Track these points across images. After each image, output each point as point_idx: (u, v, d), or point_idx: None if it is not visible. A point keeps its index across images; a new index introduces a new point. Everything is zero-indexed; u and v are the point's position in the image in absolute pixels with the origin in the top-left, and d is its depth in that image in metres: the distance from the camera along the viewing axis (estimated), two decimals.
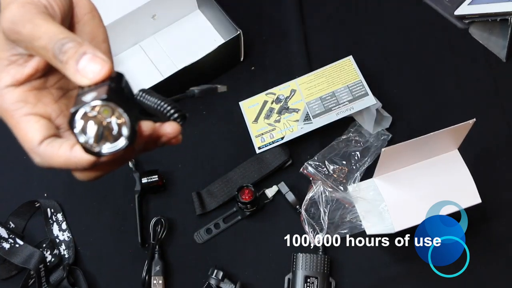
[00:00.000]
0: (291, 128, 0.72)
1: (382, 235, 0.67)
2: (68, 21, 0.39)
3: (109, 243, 0.71)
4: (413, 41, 0.82)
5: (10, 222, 0.71)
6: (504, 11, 0.74)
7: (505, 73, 0.79)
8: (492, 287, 0.68)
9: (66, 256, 0.69)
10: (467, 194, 0.59)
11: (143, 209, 0.72)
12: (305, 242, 0.69)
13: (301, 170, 0.72)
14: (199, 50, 0.72)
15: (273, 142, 0.72)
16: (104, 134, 0.35)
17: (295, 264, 0.66)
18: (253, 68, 0.80)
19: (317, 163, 0.72)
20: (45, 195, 0.73)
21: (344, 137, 0.74)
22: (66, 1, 0.38)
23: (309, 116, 0.71)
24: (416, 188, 0.60)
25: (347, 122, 0.74)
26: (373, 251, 0.69)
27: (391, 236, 0.65)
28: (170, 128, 0.38)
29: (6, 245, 0.67)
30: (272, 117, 0.73)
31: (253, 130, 0.73)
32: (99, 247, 0.70)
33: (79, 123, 0.34)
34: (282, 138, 0.71)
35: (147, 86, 0.68)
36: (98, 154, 0.35)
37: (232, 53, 0.78)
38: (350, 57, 0.73)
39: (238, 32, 0.73)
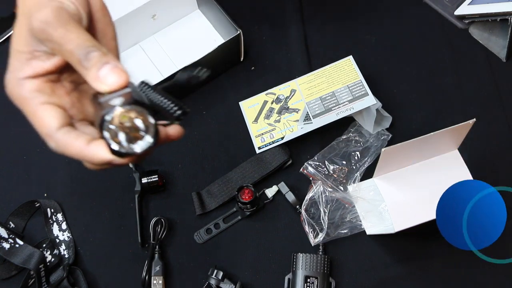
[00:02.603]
0: (291, 128, 0.72)
1: (382, 235, 0.67)
2: None
3: (109, 243, 0.71)
4: (413, 41, 0.82)
5: (10, 222, 0.71)
6: (504, 11, 0.74)
7: (505, 73, 0.79)
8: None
9: (66, 256, 0.69)
10: None
11: (143, 209, 0.72)
12: (305, 242, 0.69)
13: (301, 170, 0.72)
14: (199, 50, 0.72)
15: (273, 142, 0.72)
16: (129, 136, 0.38)
17: (295, 264, 0.66)
18: (253, 68, 0.80)
19: (317, 163, 0.72)
20: (45, 195, 0.73)
21: (344, 137, 0.74)
22: (87, 4, 0.41)
23: (309, 116, 0.71)
24: (416, 188, 0.60)
25: (347, 122, 0.74)
26: (373, 251, 0.69)
27: (391, 236, 0.65)
28: (174, 131, 0.41)
29: (6, 245, 0.67)
30: (272, 117, 0.73)
31: (253, 130, 0.73)
32: (99, 247, 0.70)
33: (107, 124, 0.37)
34: (282, 138, 0.71)
35: None
36: (122, 155, 0.37)
37: (232, 53, 0.77)
38: (350, 57, 0.73)
39: (238, 32, 0.73)
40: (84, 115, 0.43)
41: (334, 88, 0.72)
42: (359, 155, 0.72)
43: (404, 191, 0.60)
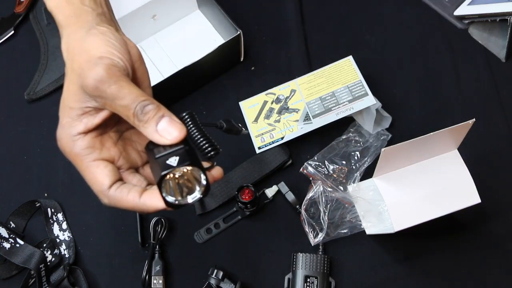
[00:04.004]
0: (291, 128, 0.72)
1: (382, 235, 0.67)
2: None
3: (109, 243, 0.71)
4: (413, 41, 0.82)
5: (11, 222, 0.71)
6: (503, 11, 0.74)
7: (505, 73, 0.79)
8: (492, 287, 0.68)
9: (67, 256, 0.69)
10: (467, 194, 0.59)
11: None
12: (305, 242, 0.69)
13: (301, 170, 0.72)
14: (199, 50, 0.72)
15: (273, 142, 0.72)
16: (183, 191, 0.42)
17: (295, 264, 0.66)
18: (253, 68, 0.80)
19: (317, 163, 0.72)
20: (46, 195, 0.73)
21: (344, 137, 0.74)
22: (130, 56, 0.43)
23: (309, 116, 0.71)
24: (416, 188, 0.60)
25: (347, 122, 0.74)
26: (373, 251, 0.69)
27: (391, 236, 0.65)
28: (217, 173, 0.45)
29: (7, 245, 0.67)
30: (272, 117, 0.73)
31: (253, 130, 0.73)
32: (99, 247, 0.71)
33: (164, 183, 0.40)
34: (282, 138, 0.72)
35: None
36: (177, 207, 0.41)
37: (232, 53, 0.78)
38: (350, 57, 0.73)
39: (238, 32, 0.73)
40: (130, 163, 0.46)
41: (334, 88, 0.72)
42: (358, 155, 0.72)
43: (404, 191, 0.60)
